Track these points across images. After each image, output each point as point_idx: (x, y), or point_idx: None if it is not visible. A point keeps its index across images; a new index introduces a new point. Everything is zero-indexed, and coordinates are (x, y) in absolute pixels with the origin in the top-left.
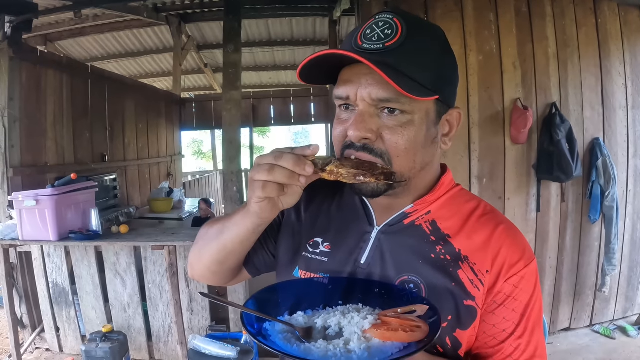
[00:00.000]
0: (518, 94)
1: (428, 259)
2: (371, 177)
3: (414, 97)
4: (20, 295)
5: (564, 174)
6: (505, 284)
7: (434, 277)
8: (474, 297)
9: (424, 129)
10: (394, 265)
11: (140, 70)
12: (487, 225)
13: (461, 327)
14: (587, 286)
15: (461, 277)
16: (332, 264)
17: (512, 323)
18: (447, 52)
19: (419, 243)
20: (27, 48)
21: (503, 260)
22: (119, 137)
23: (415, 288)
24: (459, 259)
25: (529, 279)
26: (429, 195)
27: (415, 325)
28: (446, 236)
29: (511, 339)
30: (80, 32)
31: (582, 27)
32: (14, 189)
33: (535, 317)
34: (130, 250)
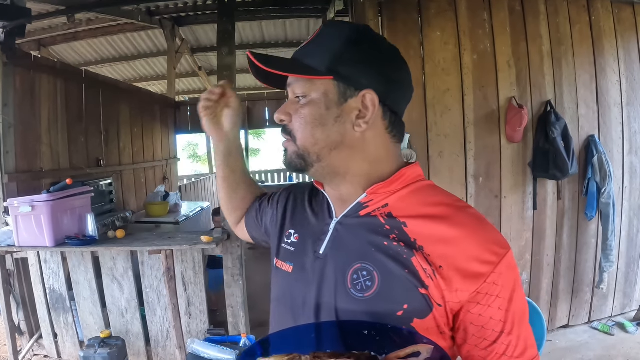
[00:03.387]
0: (513, 92)
1: (381, 247)
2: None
3: (304, 76)
4: (17, 301)
5: (560, 171)
6: (484, 285)
7: (387, 264)
8: (427, 286)
9: (322, 107)
10: (348, 254)
11: (134, 74)
12: (451, 220)
13: (418, 316)
14: (585, 283)
15: (415, 265)
16: (297, 253)
17: (499, 321)
18: (355, 42)
19: (373, 232)
20: (20, 53)
21: (470, 258)
22: (114, 142)
23: (368, 275)
24: (413, 248)
25: (506, 273)
26: (381, 184)
27: None
28: (402, 224)
29: (502, 337)
30: (74, 36)
31: (575, 24)
32: (9, 195)
33: (521, 309)
34: (127, 255)
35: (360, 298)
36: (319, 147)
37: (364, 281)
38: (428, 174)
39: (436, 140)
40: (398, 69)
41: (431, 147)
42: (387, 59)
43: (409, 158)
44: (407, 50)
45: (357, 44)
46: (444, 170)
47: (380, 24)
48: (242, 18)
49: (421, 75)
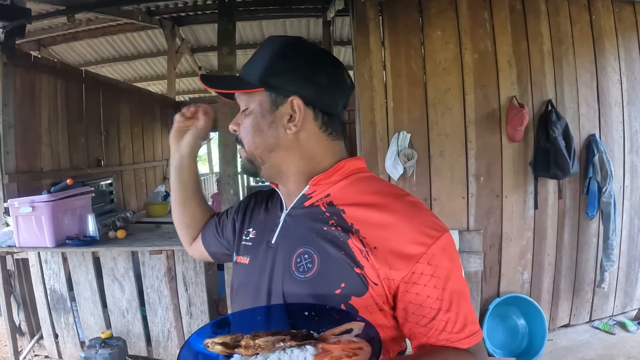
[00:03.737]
0: (514, 91)
1: (321, 232)
2: (291, 340)
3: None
4: (18, 302)
5: (561, 170)
6: (418, 265)
7: (325, 247)
8: (362, 266)
9: (258, 116)
10: (294, 240)
11: (134, 74)
12: (387, 207)
13: (355, 294)
14: (586, 282)
15: (351, 246)
16: (253, 246)
17: (436, 299)
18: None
19: (315, 220)
20: (20, 53)
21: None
22: (114, 142)
23: (309, 258)
24: (349, 231)
25: (440, 254)
26: (321, 176)
27: (357, 347)
28: (341, 211)
29: (440, 314)
30: (74, 36)
31: (576, 24)
32: (10, 195)
33: (458, 288)
34: (127, 255)
35: (302, 279)
36: (260, 151)
37: (305, 263)
38: (429, 174)
39: (437, 139)
40: (323, 73)
41: (432, 147)
42: (312, 66)
43: (409, 157)
44: (408, 50)
45: (283, 56)
46: (445, 169)
47: (381, 24)
48: (242, 18)
49: (422, 75)
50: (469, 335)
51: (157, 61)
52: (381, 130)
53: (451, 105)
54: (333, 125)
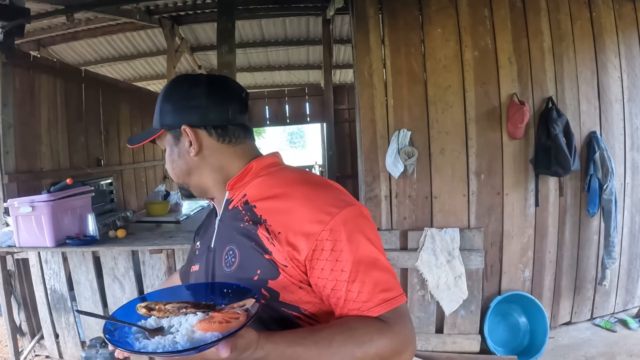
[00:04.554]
0: (514, 89)
1: (239, 229)
2: (192, 308)
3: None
4: (18, 302)
5: (562, 168)
6: (317, 242)
7: (242, 242)
8: (270, 252)
9: (169, 152)
10: (223, 240)
11: (134, 74)
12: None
13: (271, 278)
14: (587, 280)
15: (259, 236)
16: (199, 255)
17: (341, 271)
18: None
19: (235, 219)
20: (19, 53)
21: (303, 221)
22: (114, 141)
23: (232, 253)
24: (258, 222)
25: (339, 229)
26: (234, 179)
27: (235, 317)
28: (253, 207)
29: (347, 285)
30: (73, 36)
31: (576, 20)
32: (9, 195)
33: (365, 259)
34: (128, 254)
35: (229, 272)
36: (181, 178)
37: (230, 258)
38: (430, 171)
39: (437, 137)
40: (200, 95)
41: (432, 144)
42: (186, 94)
43: (410, 155)
44: (408, 48)
45: (165, 97)
46: (446, 167)
47: (381, 21)
48: (241, 16)
49: (422, 72)
50: (380, 303)
51: (156, 60)
52: (381, 128)
53: (452, 102)
54: (229, 133)
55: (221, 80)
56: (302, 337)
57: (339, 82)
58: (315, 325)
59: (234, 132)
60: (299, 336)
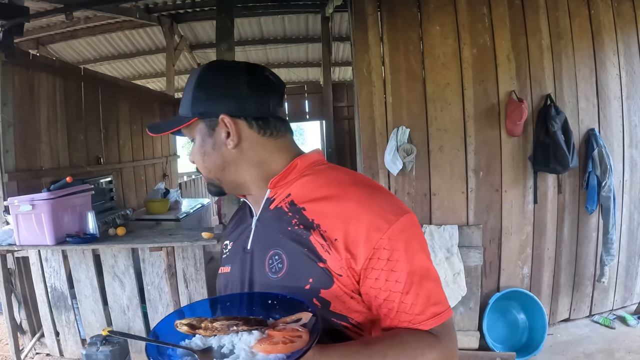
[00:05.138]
0: (513, 86)
1: (286, 232)
2: (244, 325)
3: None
4: (19, 300)
5: (560, 165)
6: (375, 250)
7: (291, 247)
8: (325, 260)
9: (201, 143)
10: (265, 243)
11: (133, 72)
12: (344, 196)
13: (323, 287)
14: (586, 277)
15: (313, 242)
16: (231, 256)
17: (395, 282)
18: (199, 83)
19: (280, 221)
20: (19, 52)
21: (359, 227)
22: (114, 139)
23: (279, 259)
24: (310, 227)
25: (397, 237)
26: (277, 177)
27: (297, 335)
28: (301, 209)
29: (400, 297)
30: (72, 34)
31: (575, 18)
32: (10, 194)
33: (419, 269)
34: (128, 252)
35: (275, 279)
36: (213, 173)
37: (277, 264)
38: (428, 169)
39: (436, 134)
40: (241, 84)
41: (431, 142)
42: (227, 82)
43: (409, 152)
44: (407, 45)
45: (201, 83)
46: (445, 164)
47: (380, 19)
48: (240, 14)
49: (421, 70)
50: (432, 317)
51: (155, 58)
52: (380, 126)
53: (450, 100)
54: (270, 126)
55: (261, 70)
56: (356, 351)
57: (338, 79)
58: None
59: (274, 124)
60: (353, 350)
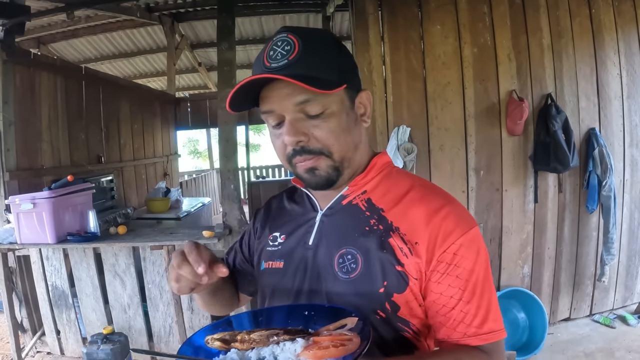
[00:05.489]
0: (513, 85)
1: (363, 231)
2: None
3: (327, 91)
4: (20, 299)
5: (561, 164)
6: (444, 254)
7: (367, 247)
8: (403, 264)
9: (344, 116)
10: (335, 240)
11: (134, 71)
12: (422, 200)
13: (397, 291)
14: (586, 276)
15: (392, 244)
16: (286, 250)
17: (458, 289)
18: (341, 49)
19: (355, 219)
20: (20, 51)
21: (437, 231)
22: (115, 138)
23: (352, 259)
24: (390, 229)
25: (468, 245)
26: (360, 177)
27: (347, 338)
28: (380, 210)
29: (460, 304)
30: (73, 33)
31: (575, 17)
32: (11, 192)
33: (483, 282)
34: (129, 251)
35: (346, 279)
36: (351, 151)
37: (349, 264)
38: (429, 168)
39: (437, 133)
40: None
41: (432, 141)
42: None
43: (409, 151)
44: (408, 44)
45: (343, 52)
46: (445, 163)
47: (380, 18)
48: (241, 13)
49: (422, 69)
50: (488, 332)
51: (156, 57)
52: (381, 125)
53: (451, 99)
54: None
55: None
56: None
57: None
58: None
59: None
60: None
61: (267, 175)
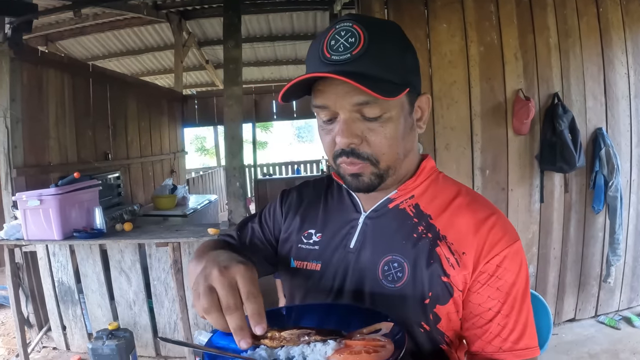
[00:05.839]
0: (520, 84)
1: (410, 238)
2: (316, 335)
3: (389, 98)
4: (26, 294)
5: (567, 164)
6: (487, 265)
7: (415, 256)
8: (449, 275)
9: (401, 121)
10: (380, 246)
11: (141, 68)
12: (469, 209)
13: (440, 302)
14: (592, 277)
15: (439, 254)
16: (323, 251)
17: (497, 302)
18: (407, 46)
19: (402, 224)
20: (27, 48)
21: (483, 241)
22: (122, 135)
23: (399, 267)
24: (437, 238)
25: (512, 258)
26: (411, 181)
27: (380, 344)
28: (428, 217)
29: (498, 317)
30: (81, 31)
31: (583, 16)
32: (18, 189)
33: (522, 297)
34: (134, 247)
35: (391, 288)
36: (400, 161)
37: (395, 272)
38: None
39: (443, 132)
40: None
41: (438, 140)
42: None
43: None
44: (414, 43)
45: (409, 50)
46: (451, 162)
47: (386, 16)
48: (248, 11)
49: (428, 68)
50: (524, 349)
51: (164, 55)
52: None
53: (457, 98)
54: None
55: None
56: None
57: None
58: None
59: None
60: None
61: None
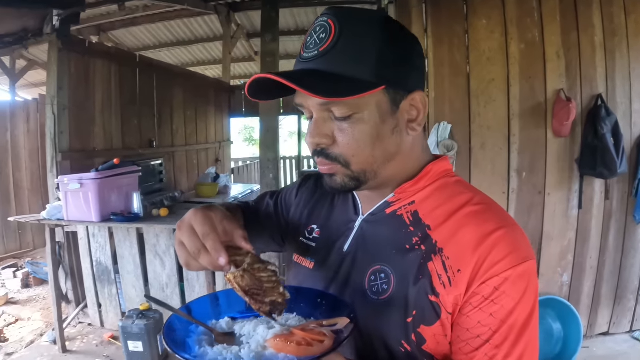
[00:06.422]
0: (561, 84)
1: (402, 249)
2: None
3: (342, 99)
4: (66, 272)
5: (608, 170)
6: (483, 286)
7: (404, 268)
8: (438, 294)
9: (377, 122)
10: (370, 254)
11: (191, 58)
12: (476, 219)
13: (425, 323)
14: (629, 290)
15: (430, 270)
16: (319, 249)
17: (488, 329)
18: (391, 37)
19: (396, 233)
20: (75, 40)
21: (483, 259)
22: (167, 124)
23: (385, 278)
24: (432, 251)
25: (515, 281)
26: (409, 185)
27: (319, 338)
28: (426, 227)
29: (486, 347)
30: (132, 22)
31: (631, 14)
32: (63, 172)
33: (521, 328)
34: (169, 232)
35: (374, 300)
36: (377, 164)
37: (381, 284)
38: (469, 166)
39: (479, 131)
40: (420, 56)
41: (473, 139)
42: (413, 52)
43: (449, 149)
44: (451, 39)
45: (394, 40)
46: (486, 163)
47: (424, 11)
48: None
49: (465, 65)
50: None
51: (213, 46)
52: None
53: (495, 96)
54: None
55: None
56: None
57: None
58: None
59: None
60: None
61: None
